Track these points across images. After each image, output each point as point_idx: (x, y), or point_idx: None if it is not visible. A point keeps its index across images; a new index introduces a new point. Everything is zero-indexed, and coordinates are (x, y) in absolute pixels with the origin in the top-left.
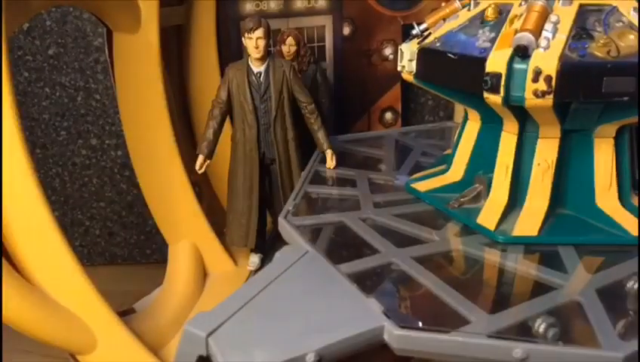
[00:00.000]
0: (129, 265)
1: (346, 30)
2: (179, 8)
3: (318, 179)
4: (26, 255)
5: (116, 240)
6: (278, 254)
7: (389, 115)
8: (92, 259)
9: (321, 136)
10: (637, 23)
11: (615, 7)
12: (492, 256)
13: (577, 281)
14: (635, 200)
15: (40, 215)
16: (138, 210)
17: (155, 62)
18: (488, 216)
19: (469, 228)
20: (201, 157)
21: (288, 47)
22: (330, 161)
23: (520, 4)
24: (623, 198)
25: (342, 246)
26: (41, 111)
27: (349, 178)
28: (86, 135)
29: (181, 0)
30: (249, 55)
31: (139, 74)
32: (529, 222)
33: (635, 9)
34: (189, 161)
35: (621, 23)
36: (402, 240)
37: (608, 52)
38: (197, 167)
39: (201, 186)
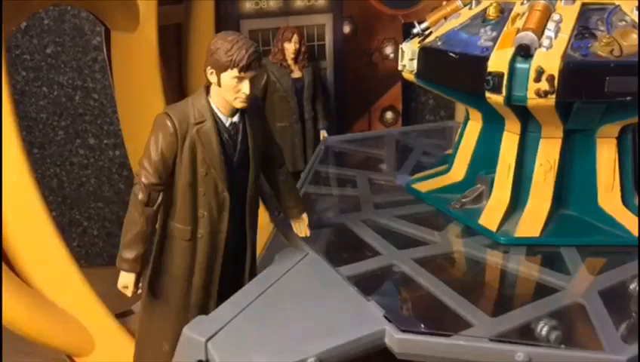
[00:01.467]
0: None
1: (347, 29)
2: (178, 7)
3: (318, 179)
4: (23, 256)
5: (114, 241)
6: (277, 256)
7: (389, 115)
8: (90, 260)
9: (296, 196)
10: None
11: (618, 6)
12: (494, 258)
13: (580, 283)
14: (637, 201)
15: (37, 216)
16: None
17: (154, 61)
18: (490, 216)
19: (471, 229)
20: (133, 277)
21: (294, 44)
22: (306, 227)
23: (522, 3)
24: (625, 199)
25: (342, 248)
26: (39, 111)
27: (349, 178)
28: (84, 134)
29: None
30: (207, 98)
31: (137, 73)
32: (531, 223)
33: (638, 8)
34: None
35: (624, 22)
36: (403, 242)
37: (611, 51)
38: (131, 291)
39: None
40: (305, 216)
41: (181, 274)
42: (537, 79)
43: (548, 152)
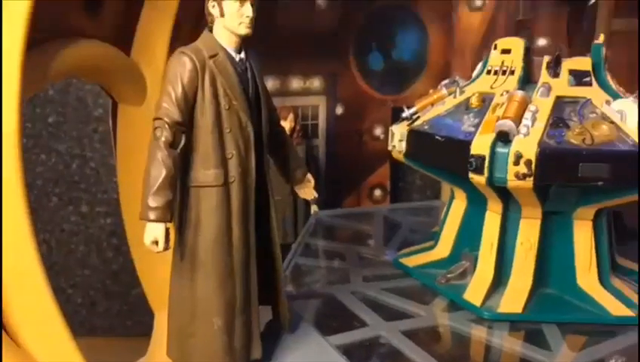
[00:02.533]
0: (108, 337)
1: (339, 110)
2: None
3: (309, 251)
4: (16, 315)
5: (98, 311)
6: (266, 324)
7: (378, 192)
8: (71, 329)
9: (298, 156)
10: (609, 115)
11: (589, 100)
12: (478, 332)
13: (561, 359)
14: (614, 281)
15: (34, 278)
16: (122, 278)
17: None
18: (475, 292)
19: (456, 304)
20: (162, 228)
21: (289, 122)
22: (312, 189)
23: (502, 94)
24: (602, 279)
25: (332, 318)
26: (35, 177)
27: (338, 251)
28: (77, 201)
29: None
30: (212, 35)
31: (141, 144)
32: (514, 299)
33: (607, 102)
34: None
35: (594, 114)
36: (391, 314)
37: (583, 140)
38: (162, 246)
39: None
40: (310, 176)
41: (218, 229)
42: (516, 163)
43: (528, 232)
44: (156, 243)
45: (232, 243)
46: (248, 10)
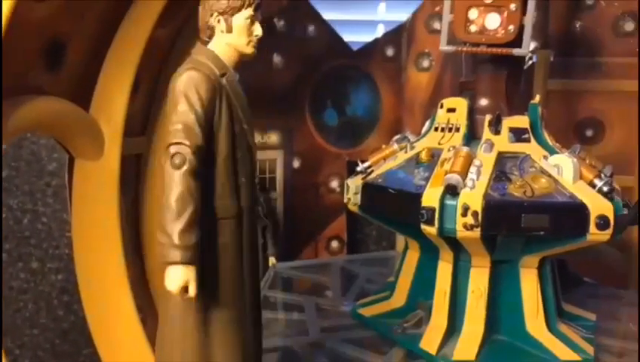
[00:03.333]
0: None
1: (296, 164)
2: (140, 138)
3: (267, 304)
4: None
5: None
6: None
7: (335, 244)
8: None
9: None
10: (547, 169)
11: (528, 155)
12: None
13: None
14: (561, 327)
15: None
16: (73, 338)
17: (114, 189)
18: (430, 340)
19: (413, 353)
20: (193, 271)
21: None
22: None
23: (449, 150)
24: (549, 324)
25: None
26: None
27: (297, 303)
28: (27, 258)
29: (143, 131)
30: (208, 49)
31: (97, 199)
32: (467, 346)
33: (545, 157)
34: (136, 285)
35: (534, 168)
36: None
37: (524, 192)
38: (194, 291)
39: (145, 311)
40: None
41: (234, 262)
42: (464, 214)
43: (478, 280)
44: (185, 288)
45: (244, 274)
46: (259, 29)
